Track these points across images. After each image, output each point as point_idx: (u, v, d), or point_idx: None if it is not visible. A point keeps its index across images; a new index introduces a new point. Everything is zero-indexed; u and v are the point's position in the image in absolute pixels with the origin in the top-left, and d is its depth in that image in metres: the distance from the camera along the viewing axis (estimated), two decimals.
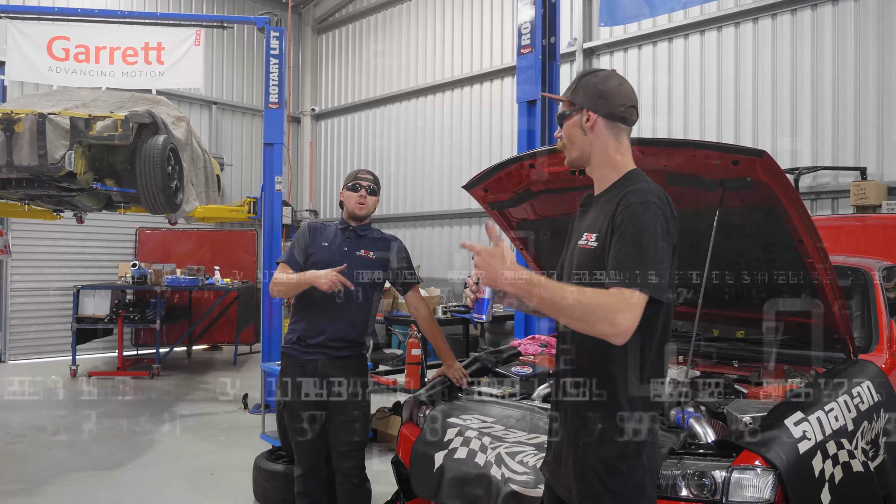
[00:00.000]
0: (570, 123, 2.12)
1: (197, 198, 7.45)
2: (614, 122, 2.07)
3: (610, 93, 2.07)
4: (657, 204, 1.87)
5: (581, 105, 2.08)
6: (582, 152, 2.11)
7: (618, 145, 2.08)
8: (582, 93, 2.09)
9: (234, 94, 13.46)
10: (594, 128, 2.07)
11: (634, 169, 2.07)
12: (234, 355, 10.85)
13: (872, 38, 7.25)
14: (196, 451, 5.85)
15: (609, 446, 1.94)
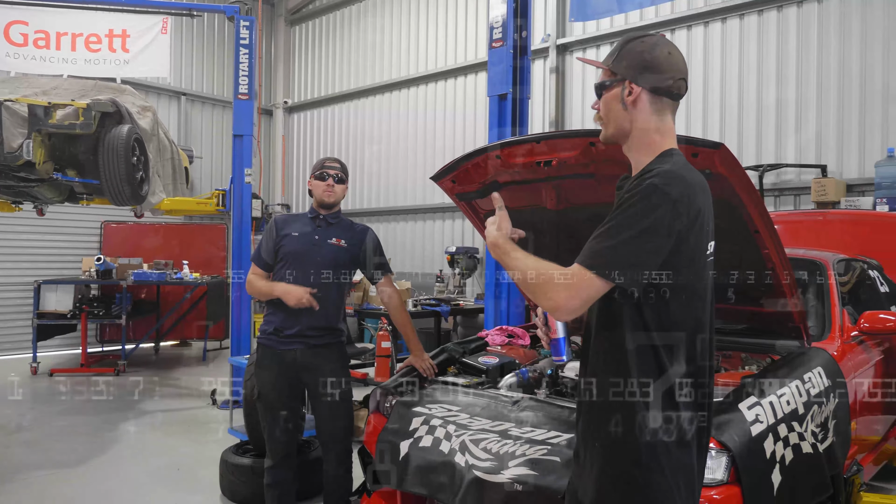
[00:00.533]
0: (609, 96, 1.91)
1: (164, 190, 7.38)
2: (660, 97, 1.86)
3: (657, 63, 1.85)
4: (665, 190, 1.71)
5: (623, 76, 1.87)
6: (620, 129, 1.91)
7: (660, 124, 1.87)
8: (626, 61, 1.87)
9: (203, 85, 13.30)
10: (636, 103, 1.86)
11: (671, 148, 1.87)
12: (204, 351, 10.75)
13: (834, 41, 7.41)
14: (162, 448, 5.80)
15: (622, 450, 1.80)
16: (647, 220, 1.70)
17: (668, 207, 1.70)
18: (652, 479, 1.75)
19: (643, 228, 1.69)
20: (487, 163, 3.42)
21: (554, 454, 2.63)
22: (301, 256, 3.57)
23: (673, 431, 1.78)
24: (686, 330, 1.81)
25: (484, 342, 4.11)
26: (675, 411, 1.78)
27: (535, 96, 9.81)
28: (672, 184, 1.72)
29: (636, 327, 1.80)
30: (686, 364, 1.80)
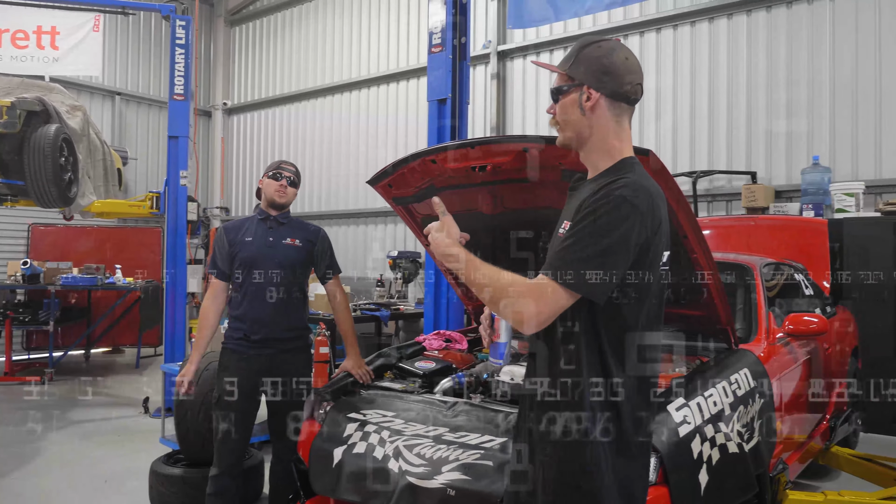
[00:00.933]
0: (566, 101, 1.89)
1: (94, 192, 7.15)
2: (618, 103, 1.86)
3: (615, 68, 1.84)
4: (634, 202, 1.71)
5: (581, 81, 1.86)
6: (578, 134, 1.89)
7: (618, 129, 1.87)
8: (583, 67, 1.86)
9: (139, 85, 12.93)
10: (595, 108, 1.85)
11: (630, 157, 1.87)
12: (137, 358, 10.41)
13: (762, 53, 7.69)
14: (90, 458, 5.58)
15: (571, 454, 1.79)
16: (617, 232, 1.69)
17: (637, 219, 1.71)
18: (601, 482, 1.76)
19: (613, 241, 1.69)
20: (424, 167, 3.41)
21: (487, 458, 2.63)
22: (259, 260, 3.57)
23: (624, 434, 1.78)
24: (637, 334, 1.82)
25: (421, 347, 4.09)
26: (625, 413, 1.79)
27: (476, 102, 9.88)
28: (640, 195, 1.73)
29: (588, 331, 1.80)
30: (636, 368, 1.81)
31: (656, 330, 1.87)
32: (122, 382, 8.94)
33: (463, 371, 3.58)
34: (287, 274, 3.61)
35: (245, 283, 3.58)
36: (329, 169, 12.16)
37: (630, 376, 1.80)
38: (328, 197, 12.16)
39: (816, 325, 3.72)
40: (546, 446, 1.84)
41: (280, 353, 3.60)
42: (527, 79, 9.73)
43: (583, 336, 1.80)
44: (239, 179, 13.94)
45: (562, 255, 1.71)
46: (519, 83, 9.83)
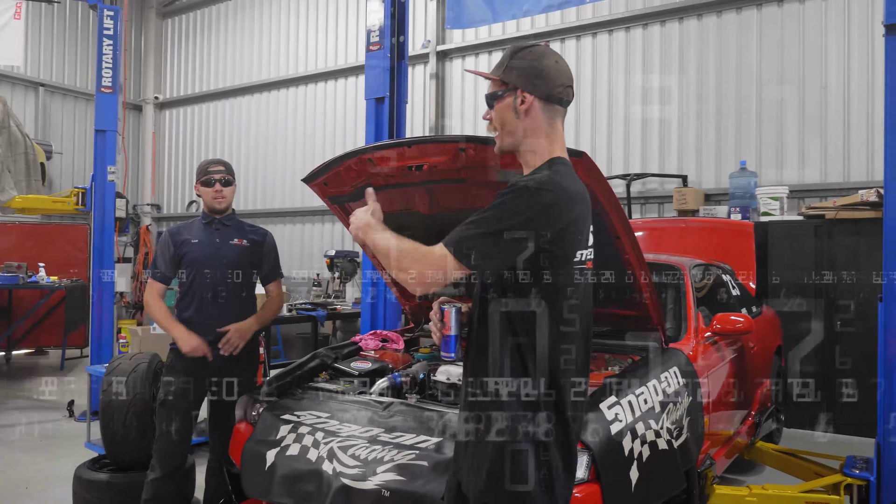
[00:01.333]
0: (501, 106, 1.96)
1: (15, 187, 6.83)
2: (551, 105, 1.93)
3: (547, 71, 1.92)
4: (537, 196, 1.77)
5: (515, 85, 1.93)
6: (513, 137, 1.96)
7: (549, 129, 1.94)
8: (515, 72, 1.94)
9: (65, 77, 12.42)
10: (529, 111, 1.92)
11: (557, 157, 1.94)
12: (62, 359, 9.99)
13: (693, 60, 7.93)
14: (10, 463, 5.33)
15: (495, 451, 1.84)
16: (514, 220, 1.76)
17: (537, 211, 1.77)
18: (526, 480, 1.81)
19: (508, 226, 1.76)
20: (360, 166, 3.38)
21: (422, 458, 2.62)
22: (207, 261, 3.55)
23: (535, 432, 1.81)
24: (552, 334, 1.85)
25: (357, 347, 4.06)
26: (537, 412, 1.82)
27: (415, 102, 9.87)
28: (545, 190, 1.79)
29: (505, 330, 1.86)
30: (550, 367, 1.85)
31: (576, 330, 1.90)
32: (46, 385, 8.55)
33: (399, 371, 3.56)
34: (235, 274, 3.59)
35: (193, 284, 3.55)
36: (265, 167, 11.94)
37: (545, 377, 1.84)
38: (264, 195, 11.94)
39: (742, 325, 3.84)
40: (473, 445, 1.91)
41: (230, 354, 3.57)
42: (465, 79, 9.77)
43: (500, 336, 1.87)
44: (171, 176, 13.55)
45: (460, 229, 1.79)
46: (458, 83, 9.86)
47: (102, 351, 6.70)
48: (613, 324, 3.59)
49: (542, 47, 1.99)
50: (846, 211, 6.05)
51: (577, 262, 1.90)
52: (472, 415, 1.91)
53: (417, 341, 4.36)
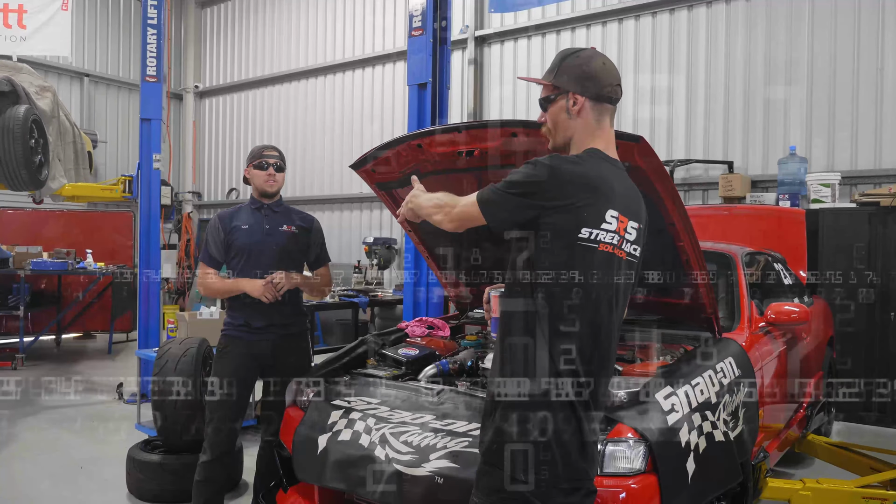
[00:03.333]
0: (555, 108, 2.13)
1: (65, 175, 6.98)
2: (601, 104, 2.10)
3: (596, 73, 2.08)
4: (539, 168, 1.98)
5: (566, 88, 2.09)
6: (566, 137, 2.14)
7: (596, 127, 2.11)
8: (566, 75, 2.10)
9: (108, 67, 12.62)
10: (581, 111, 2.09)
11: (590, 148, 2.09)
12: (109, 343, 10.25)
13: (741, 41, 7.72)
14: (64, 445, 5.48)
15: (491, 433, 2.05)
16: (518, 186, 2.01)
17: (534, 181, 1.99)
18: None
19: (514, 189, 2.01)
20: (408, 152, 3.37)
21: (475, 446, 2.60)
22: (256, 247, 3.57)
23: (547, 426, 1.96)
24: (558, 320, 1.98)
25: (403, 333, 4.06)
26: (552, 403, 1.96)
27: (453, 87, 9.80)
28: (543, 164, 1.99)
29: (525, 310, 2.04)
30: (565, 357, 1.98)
31: (578, 304, 2.00)
32: (95, 368, 8.79)
33: (447, 358, 3.56)
34: (284, 261, 3.61)
35: (243, 270, 3.56)
36: (304, 154, 12.01)
37: (566, 369, 1.97)
38: (302, 182, 12.02)
39: (798, 315, 3.75)
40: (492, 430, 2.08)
41: (280, 338, 3.61)
42: (504, 64, 9.69)
43: (507, 304, 2.12)
44: (211, 164, 13.72)
45: (489, 186, 2.09)
46: (496, 69, 9.78)
47: (150, 335, 6.83)
48: (663, 313, 3.53)
49: (590, 50, 2.14)
50: None
51: (584, 238, 1.99)
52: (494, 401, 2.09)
53: (463, 328, 4.35)
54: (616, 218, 2.03)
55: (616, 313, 2.08)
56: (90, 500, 4.36)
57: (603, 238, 2.01)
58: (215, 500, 3.52)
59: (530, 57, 9.43)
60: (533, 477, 1.93)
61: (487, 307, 2.55)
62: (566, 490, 1.96)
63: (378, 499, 2.68)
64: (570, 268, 1.99)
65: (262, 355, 3.57)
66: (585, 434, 1.99)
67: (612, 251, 2.04)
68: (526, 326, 2.02)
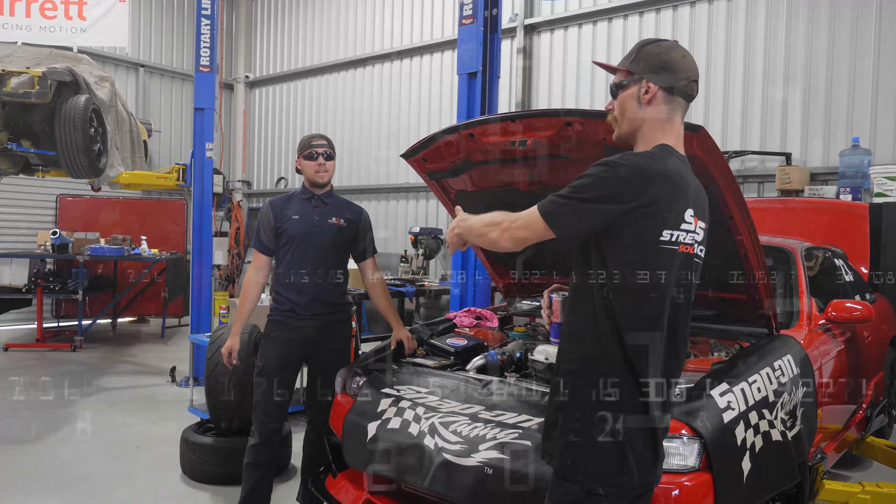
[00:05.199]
0: (626, 94, 2.02)
1: (122, 163, 7.16)
2: (674, 97, 1.98)
3: (673, 64, 1.98)
4: (616, 169, 1.85)
5: (640, 75, 1.99)
6: (633, 127, 2.03)
7: (666, 121, 1.99)
8: (643, 62, 2.00)
9: (163, 57, 12.91)
10: (652, 101, 1.98)
11: (662, 144, 1.97)
12: (162, 328, 10.53)
13: (802, 30, 7.47)
14: (120, 425, 5.65)
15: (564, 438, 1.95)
16: (593, 191, 1.86)
17: (615, 182, 1.85)
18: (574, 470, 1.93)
19: (588, 196, 1.87)
20: (460, 141, 3.35)
21: (525, 438, 2.59)
22: (305, 238, 3.61)
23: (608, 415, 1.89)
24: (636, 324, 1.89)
25: (452, 324, 4.06)
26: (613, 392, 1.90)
27: (502, 76, 9.73)
28: (621, 165, 1.86)
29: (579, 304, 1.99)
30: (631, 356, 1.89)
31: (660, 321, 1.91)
32: (149, 351, 9.04)
33: (495, 349, 3.55)
34: (331, 252, 3.65)
35: (292, 259, 3.61)
36: (352, 143, 12.09)
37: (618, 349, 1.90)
38: (349, 172, 12.10)
39: (860, 313, 3.62)
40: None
41: (324, 325, 3.64)
42: (554, 53, 9.57)
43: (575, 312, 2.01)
44: (260, 153, 13.93)
45: (551, 196, 1.93)
46: (546, 58, 9.66)
47: (201, 321, 6.98)
48: (718, 308, 3.45)
49: (671, 41, 2.04)
50: None
51: (665, 241, 1.90)
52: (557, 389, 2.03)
53: (511, 319, 4.33)
54: (693, 218, 1.94)
55: (689, 314, 2.02)
56: (145, 478, 4.49)
57: (683, 239, 1.92)
58: (264, 483, 3.59)
59: (580, 45, 9.30)
60: (609, 489, 1.88)
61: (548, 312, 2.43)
62: (639, 494, 1.92)
63: (426, 487, 2.68)
64: (649, 270, 1.89)
65: (306, 340, 3.61)
66: (659, 439, 1.94)
67: (691, 252, 1.96)
68: (596, 332, 1.92)
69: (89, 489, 4.29)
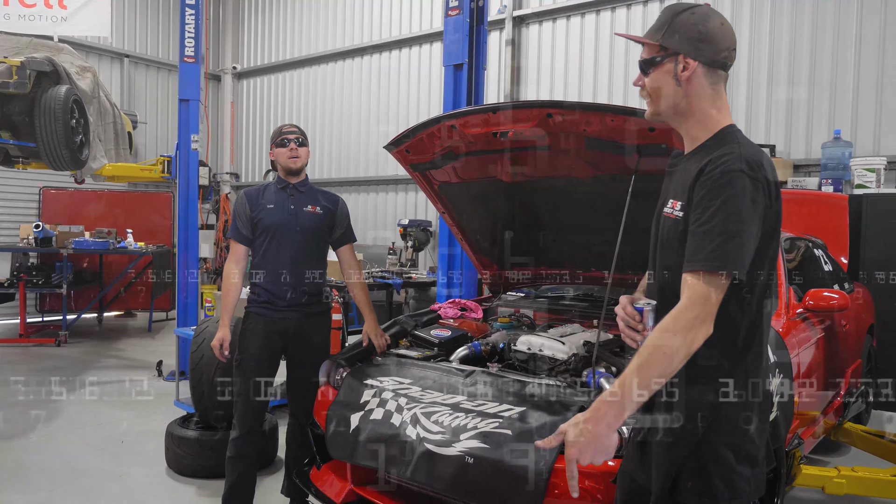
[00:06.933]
0: (660, 72, 1.81)
1: (105, 155, 7.11)
2: (715, 70, 1.79)
3: (712, 35, 1.77)
4: (745, 172, 1.66)
5: (677, 50, 1.78)
6: (673, 106, 1.82)
7: (715, 97, 1.81)
8: (678, 35, 1.78)
9: (148, 48, 12.80)
10: (692, 78, 1.78)
11: (729, 125, 1.81)
12: (149, 322, 10.48)
13: (786, 23, 7.51)
14: (106, 419, 5.64)
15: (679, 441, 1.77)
16: (754, 210, 1.65)
17: (762, 193, 1.68)
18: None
19: (751, 218, 1.65)
20: (443, 132, 3.37)
21: (506, 427, 2.62)
22: (281, 228, 3.59)
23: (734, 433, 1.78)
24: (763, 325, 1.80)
25: (436, 315, 4.08)
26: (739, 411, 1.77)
27: (490, 68, 9.73)
28: (751, 164, 1.68)
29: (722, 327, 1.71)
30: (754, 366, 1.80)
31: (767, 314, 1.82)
32: (135, 346, 9.01)
33: (479, 340, 3.57)
34: (308, 241, 3.64)
35: (268, 249, 3.60)
36: (340, 135, 12.06)
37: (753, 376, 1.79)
38: (338, 164, 12.09)
39: (838, 302, 3.67)
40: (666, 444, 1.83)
41: (303, 317, 3.63)
42: (542, 45, 9.57)
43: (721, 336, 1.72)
44: (249, 145, 13.87)
45: (709, 246, 1.63)
46: (534, 50, 9.67)
47: (188, 314, 6.96)
48: None
49: (706, 7, 1.82)
50: None
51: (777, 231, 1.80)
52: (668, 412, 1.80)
53: (496, 311, 4.35)
54: None
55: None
56: (131, 472, 4.49)
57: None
58: (247, 475, 3.58)
59: (569, 38, 9.31)
60: None
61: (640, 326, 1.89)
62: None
63: (409, 477, 2.71)
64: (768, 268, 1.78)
65: (285, 332, 3.60)
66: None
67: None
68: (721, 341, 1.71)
69: (78, 485, 4.28)
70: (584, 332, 3.48)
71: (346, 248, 3.84)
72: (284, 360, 3.75)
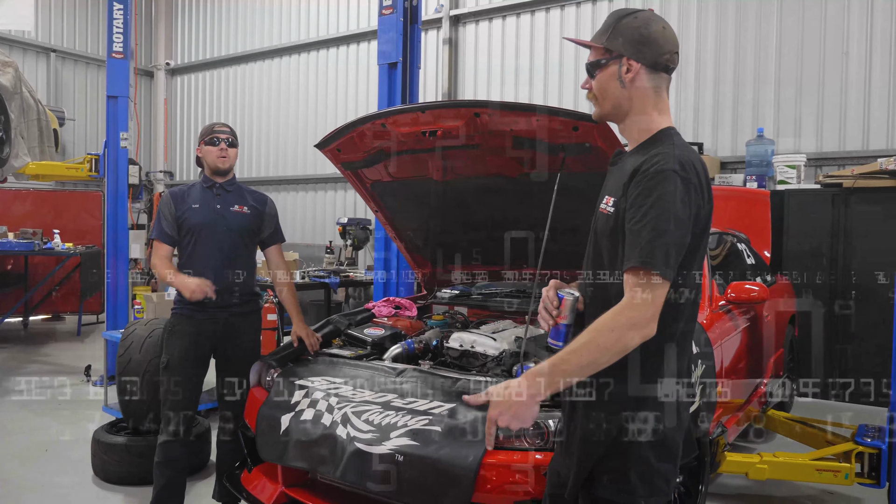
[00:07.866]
0: (605, 74, 1.87)
1: (29, 153, 6.85)
2: (658, 73, 1.86)
3: (654, 38, 1.84)
4: (678, 172, 1.69)
5: (620, 52, 1.84)
6: (618, 107, 1.88)
7: (657, 100, 1.87)
8: (621, 38, 1.84)
9: (76, 42, 12.37)
10: (635, 80, 1.84)
11: (668, 127, 1.86)
12: (78, 325, 10.12)
13: (711, 24, 7.77)
14: (30, 427, 5.43)
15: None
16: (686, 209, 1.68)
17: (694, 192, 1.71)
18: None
19: (685, 215, 1.68)
20: (373, 132, 3.36)
21: (435, 424, 2.64)
22: (207, 227, 3.51)
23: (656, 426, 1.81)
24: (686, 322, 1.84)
25: (371, 314, 4.07)
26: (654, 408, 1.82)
27: (428, 68, 9.76)
28: (683, 165, 1.71)
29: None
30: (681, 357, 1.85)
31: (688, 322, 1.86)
32: (63, 350, 8.69)
33: (412, 338, 3.58)
34: (236, 241, 3.57)
35: (194, 250, 3.52)
36: (277, 133, 11.90)
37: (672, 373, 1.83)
38: (276, 162, 11.93)
39: (757, 293, 3.82)
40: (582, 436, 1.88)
41: (231, 317, 3.57)
42: (479, 44, 9.65)
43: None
44: (183, 143, 13.55)
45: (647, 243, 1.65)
46: (471, 49, 9.74)
47: (118, 317, 6.75)
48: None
49: (648, 13, 1.90)
50: (864, 179, 5.96)
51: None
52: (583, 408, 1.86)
53: (430, 308, 4.37)
54: None
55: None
56: (57, 481, 4.34)
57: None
58: (176, 481, 3.50)
59: (504, 37, 9.41)
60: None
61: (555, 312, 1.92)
62: None
63: (339, 477, 2.69)
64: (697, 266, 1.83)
65: (213, 334, 3.53)
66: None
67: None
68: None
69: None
70: (516, 327, 3.53)
71: (274, 248, 3.79)
72: (214, 361, 3.68)
